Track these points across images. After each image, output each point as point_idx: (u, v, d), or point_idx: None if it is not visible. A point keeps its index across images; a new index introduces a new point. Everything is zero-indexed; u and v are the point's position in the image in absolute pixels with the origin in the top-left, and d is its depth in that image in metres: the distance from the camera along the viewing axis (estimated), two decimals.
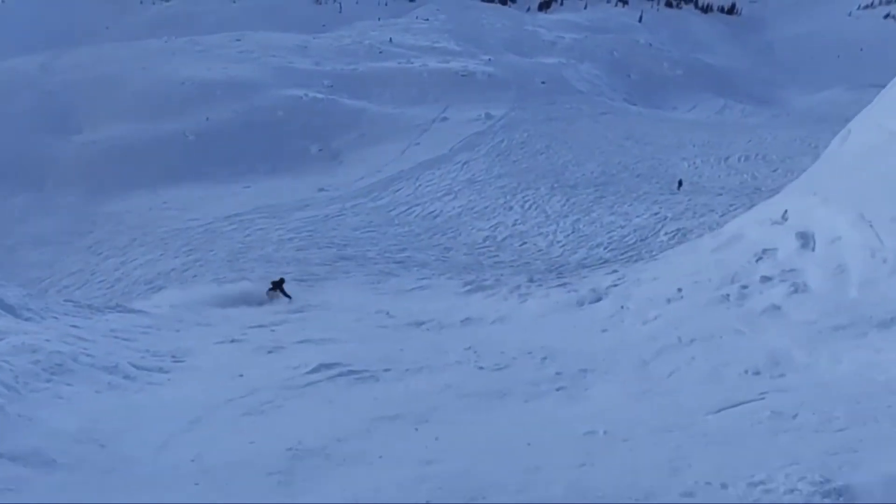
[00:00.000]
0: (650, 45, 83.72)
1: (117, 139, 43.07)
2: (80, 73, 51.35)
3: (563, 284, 14.67)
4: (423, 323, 12.10)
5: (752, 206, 22.52)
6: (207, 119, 44.32)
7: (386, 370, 7.65)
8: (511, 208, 26.09)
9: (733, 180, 29.49)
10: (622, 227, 23.32)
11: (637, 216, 24.30)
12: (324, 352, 8.55)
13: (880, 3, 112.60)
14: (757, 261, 10.75)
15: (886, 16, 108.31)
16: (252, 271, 17.98)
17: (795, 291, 9.11)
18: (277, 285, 15.84)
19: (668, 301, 10.68)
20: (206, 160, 39.85)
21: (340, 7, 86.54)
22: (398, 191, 30.91)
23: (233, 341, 9.62)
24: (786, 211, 11.86)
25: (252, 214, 27.97)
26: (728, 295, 9.93)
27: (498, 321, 12.12)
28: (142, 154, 40.78)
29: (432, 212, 26.93)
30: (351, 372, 7.43)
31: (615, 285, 13.00)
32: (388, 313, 13.14)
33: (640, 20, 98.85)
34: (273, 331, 10.88)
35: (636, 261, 17.22)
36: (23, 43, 61.77)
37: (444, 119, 45.03)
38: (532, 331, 10.79)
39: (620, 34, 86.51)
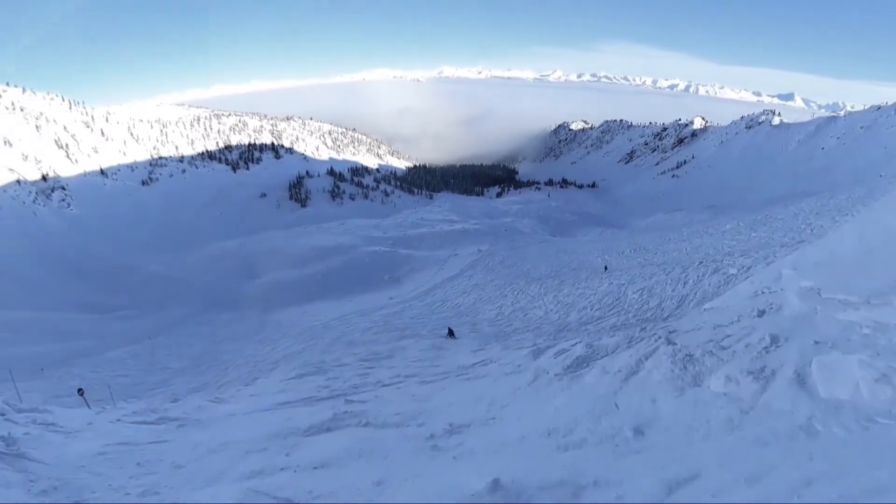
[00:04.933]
0: (557, 206, 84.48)
1: (280, 279, 41.80)
2: (259, 246, 51.24)
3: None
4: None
5: (666, 272, 16.92)
6: (327, 266, 42.99)
7: None
8: (506, 296, 22.49)
9: (633, 261, 25.56)
10: (594, 294, 18.21)
11: (599, 287, 19.09)
12: None
13: (669, 171, 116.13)
14: None
15: (663, 172, 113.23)
16: (338, 350, 14.29)
17: None
18: (450, 332, 13.59)
19: None
20: (328, 288, 38.08)
21: (395, 205, 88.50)
22: (434, 294, 28.19)
23: None
24: None
25: (351, 315, 25.36)
26: None
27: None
28: (293, 287, 39.18)
29: (457, 304, 23.78)
30: None
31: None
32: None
33: (548, 196, 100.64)
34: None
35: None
36: (228, 234, 62.58)
37: (456, 255, 43.22)
38: None
39: (540, 203, 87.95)
